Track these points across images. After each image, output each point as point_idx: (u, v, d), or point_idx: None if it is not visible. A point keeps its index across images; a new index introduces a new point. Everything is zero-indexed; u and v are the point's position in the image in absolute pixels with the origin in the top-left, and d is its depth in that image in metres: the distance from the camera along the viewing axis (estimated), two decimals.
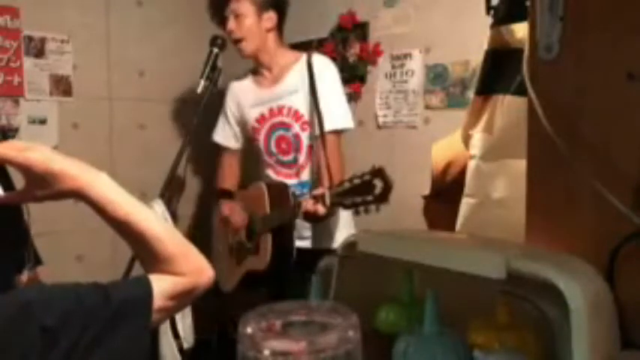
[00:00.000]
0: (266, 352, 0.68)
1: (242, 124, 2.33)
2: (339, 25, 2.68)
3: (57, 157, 0.83)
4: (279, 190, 2.12)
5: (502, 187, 1.38)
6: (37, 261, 2.15)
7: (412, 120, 2.45)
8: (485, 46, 1.45)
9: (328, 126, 2.05)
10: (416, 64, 2.43)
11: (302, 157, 2.18)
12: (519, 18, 1.30)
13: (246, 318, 0.73)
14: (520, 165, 1.11)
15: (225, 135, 2.37)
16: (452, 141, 1.63)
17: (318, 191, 1.86)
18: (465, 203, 1.44)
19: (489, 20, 1.43)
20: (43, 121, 2.64)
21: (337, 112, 2.11)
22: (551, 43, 1.00)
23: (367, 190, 1.63)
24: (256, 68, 2.27)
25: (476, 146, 1.42)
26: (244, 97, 2.28)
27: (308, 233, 2.17)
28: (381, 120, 2.56)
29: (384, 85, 2.54)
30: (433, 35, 2.36)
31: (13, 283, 1.94)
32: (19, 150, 0.81)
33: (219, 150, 2.41)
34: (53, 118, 2.67)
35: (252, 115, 2.24)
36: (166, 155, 2.57)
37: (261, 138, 2.23)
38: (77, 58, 2.73)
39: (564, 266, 0.86)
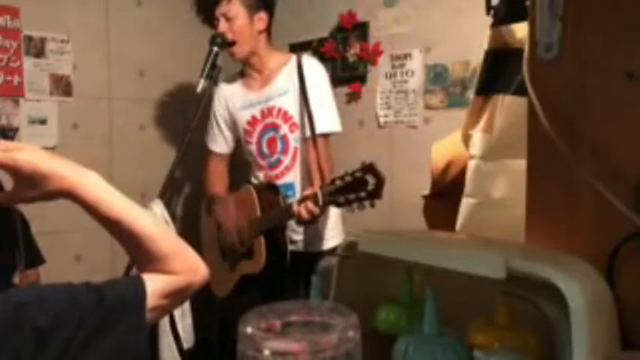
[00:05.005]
0: (266, 352, 0.68)
1: (232, 126, 2.29)
2: (339, 25, 2.68)
3: (46, 157, 0.82)
4: (268, 193, 2.09)
5: (502, 187, 1.38)
6: (38, 261, 2.16)
7: (412, 120, 2.45)
8: (485, 46, 1.45)
9: (320, 128, 2.03)
10: (416, 64, 2.43)
11: (286, 159, 2.15)
12: (519, 18, 1.30)
13: (246, 318, 0.73)
14: (520, 165, 1.11)
15: (215, 139, 2.32)
16: (452, 141, 1.63)
17: (309, 191, 1.85)
18: (465, 203, 1.43)
19: (489, 20, 1.43)
20: (43, 121, 2.65)
21: (328, 116, 2.09)
22: (551, 43, 1.00)
23: (360, 187, 1.62)
24: (245, 70, 2.24)
25: (476, 146, 1.42)
26: (233, 99, 2.25)
27: (297, 237, 2.15)
28: (381, 120, 2.56)
29: (384, 85, 2.55)
30: (433, 35, 2.36)
31: (8, 285, 1.94)
32: (7, 151, 0.80)
33: (208, 154, 2.36)
34: (53, 118, 2.68)
35: (244, 117, 2.21)
36: (166, 155, 2.57)
37: (254, 140, 2.21)
38: (77, 58, 2.74)
39: (564, 266, 0.86)
